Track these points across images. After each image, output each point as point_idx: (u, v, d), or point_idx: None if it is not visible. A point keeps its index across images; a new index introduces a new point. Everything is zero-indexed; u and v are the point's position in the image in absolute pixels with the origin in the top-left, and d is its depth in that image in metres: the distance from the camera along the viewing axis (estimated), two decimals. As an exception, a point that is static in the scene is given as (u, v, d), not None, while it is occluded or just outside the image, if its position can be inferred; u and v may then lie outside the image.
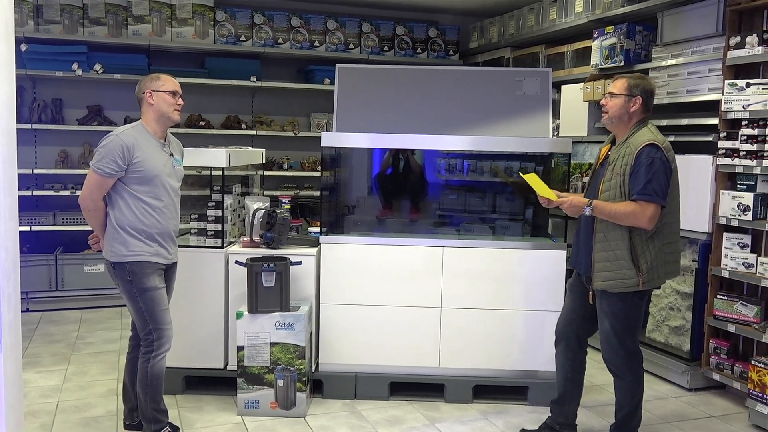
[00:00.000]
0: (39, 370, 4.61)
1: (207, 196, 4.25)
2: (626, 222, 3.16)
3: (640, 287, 3.19)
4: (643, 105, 3.28)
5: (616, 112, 3.29)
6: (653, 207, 3.12)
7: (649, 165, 3.12)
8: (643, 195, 3.11)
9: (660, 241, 3.23)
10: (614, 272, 3.22)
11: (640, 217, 3.12)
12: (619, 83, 3.31)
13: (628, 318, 3.30)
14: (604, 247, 3.26)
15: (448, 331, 4.19)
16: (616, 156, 3.26)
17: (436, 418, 3.96)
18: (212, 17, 6.62)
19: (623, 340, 3.32)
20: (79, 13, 6.24)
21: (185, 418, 3.86)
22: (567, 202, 3.32)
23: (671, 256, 3.31)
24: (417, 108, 4.48)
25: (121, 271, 3.31)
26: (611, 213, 3.18)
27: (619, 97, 3.28)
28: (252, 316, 3.86)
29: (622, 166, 3.20)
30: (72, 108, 6.51)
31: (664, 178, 3.14)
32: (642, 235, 3.19)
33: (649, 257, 3.19)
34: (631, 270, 3.19)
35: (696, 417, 4.09)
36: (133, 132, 3.31)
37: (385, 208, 4.84)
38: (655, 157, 3.13)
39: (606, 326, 3.34)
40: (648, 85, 3.30)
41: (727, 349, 4.33)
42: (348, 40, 7.08)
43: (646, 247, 3.20)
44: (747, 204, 4.07)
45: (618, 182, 3.21)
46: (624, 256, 3.19)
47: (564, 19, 5.94)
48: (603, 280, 3.25)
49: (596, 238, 3.28)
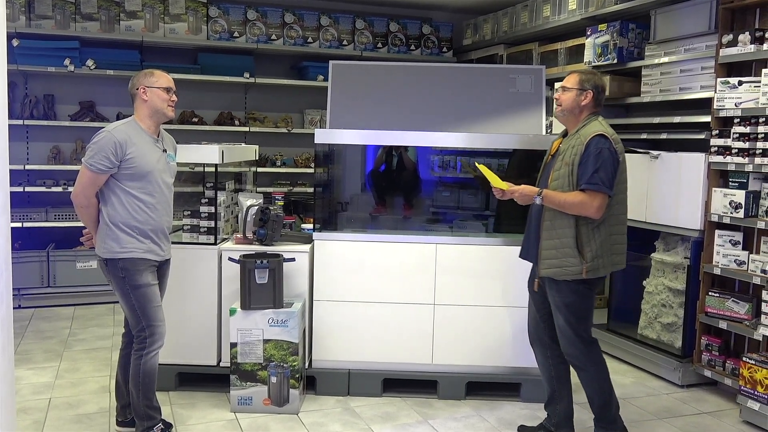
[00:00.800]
0: (31, 366, 4.60)
1: (200, 192, 4.24)
2: (574, 211, 3.23)
3: (584, 275, 3.24)
4: (594, 99, 3.36)
5: (568, 105, 3.38)
6: (601, 196, 3.19)
7: (597, 155, 3.19)
8: (590, 184, 3.18)
9: (606, 231, 3.28)
10: (559, 260, 3.27)
11: (588, 207, 3.19)
12: (572, 78, 3.41)
13: (580, 309, 3.35)
14: (550, 234, 3.31)
15: (442, 327, 4.20)
16: (566, 147, 3.33)
17: (429, 415, 3.97)
18: (205, 13, 6.59)
19: (578, 331, 3.36)
20: (71, 9, 6.21)
21: (178, 415, 3.85)
22: (518, 192, 3.39)
23: (618, 247, 3.36)
24: (410, 105, 4.48)
25: (113, 267, 3.29)
26: (560, 202, 3.25)
27: (571, 91, 3.37)
28: (245, 313, 3.86)
29: (571, 156, 3.27)
30: (64, 104, 6.47)
31: (612, 169, 3.21)
32: (589, 224, 3.24)
33: (594, 246, 3.24)
34: (576, 258, 3.24)
35: (688, 413, 4.11)
36: (125, 128, 3.30)
37: (379, 205, 4.84)
38: (603, 147, 3.21)
39: (561, 320, 3.38)
40: (598, 81, 3.39)
41: (719, 345, 4.35)
42: (341, 37, 7.07)
43: (591, 236, 3.25)
44: (739, 201, 4.09)
45: (567, 171, 3.27)
46: (569, 243, 3.25)
47: (557, 16, 5.95)
48: (548, 267, 3.30)
49: (543, 226, 3.34)
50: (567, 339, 3.39)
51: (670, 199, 4.53)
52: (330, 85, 4.51)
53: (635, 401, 4.27)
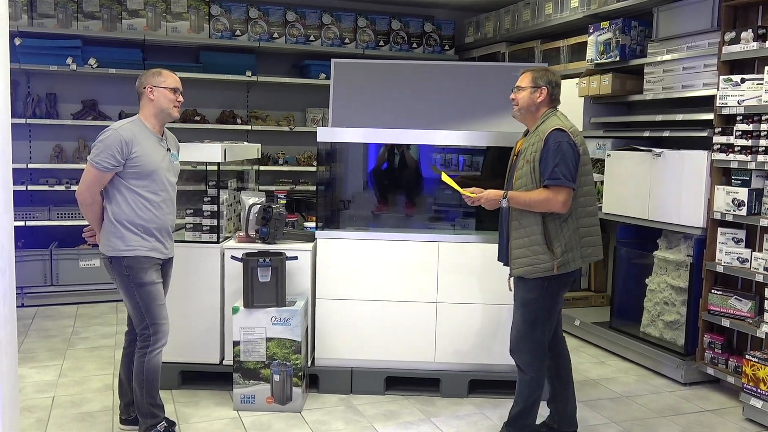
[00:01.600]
0: (34, 365, 4.61)
1: (202, 191, 4.24)
2: (541, 208, 3.23)
3: (555, 271, 3.23)
4: (549, 95, 3.37)
5: (524, 104, 3.39)
6: (565, 191, 3.19)
7: (556, 149, 3.20)
8: (552, 180, 3.19)
9: (574, 224, 3.28)
10: (530, 258, 3.27)
11: (553, 203, 3.19)
12: (525, 76, 3.41)
13: (540, 307, 3.33)
14: (519, 234, 3.31)
15: (444, 326, 4.20)
16: (527, 145, 3.34)
17: (431, 413, 3.97)
18: (207, 11, 6.60)
19: (532, 331, 3.34)
20: (73, 7, 6.21)
21: (181, 413, 3.86)
22: (483, 197, 3.42)
23: (589, 240, 3.35)
24: (412, 103, 4.48)
25: (118, 265, 3.30)
26: (526, 202, 3.26)
27: (525, 90, 3.38)
28: (248, 311, 3.86)
29: (532, 153, 3.28)
30: (66, 102, 6.48)
31: (572, 162, 3.21)
32: (556, 219, 3.25)
33: (563, 240, 3.25)
34: (546, 254, 3.24)
35: (690, 411, 4.11)
36: (131, 127, 3.30)
37: (381, 203, 4.84)
38: (562, 141, 3.21)
39: (518, 317, 3.38)
40: (552, 76, 3.39)
41: (722, 343, 4.35)
42: (343, 35, 7.06)
43: (560, 231, 3.25)
44: (741, 199, 4.09)
45: (529, 169, 3.28)
46: (538, 241, 3.25)
47: (559, 14, 5.94)
48: (520, 266, 3.30)
49: (512, 226, 3.35)
50: (518, 337, 3.38)
51: (673, 196, 4.52)
52: (332, 83, 4.51)
53: (638, 399, 4.27)
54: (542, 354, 3.39)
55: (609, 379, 4.59)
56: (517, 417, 3.43)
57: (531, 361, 3.37)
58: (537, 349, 3.37)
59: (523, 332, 3.36)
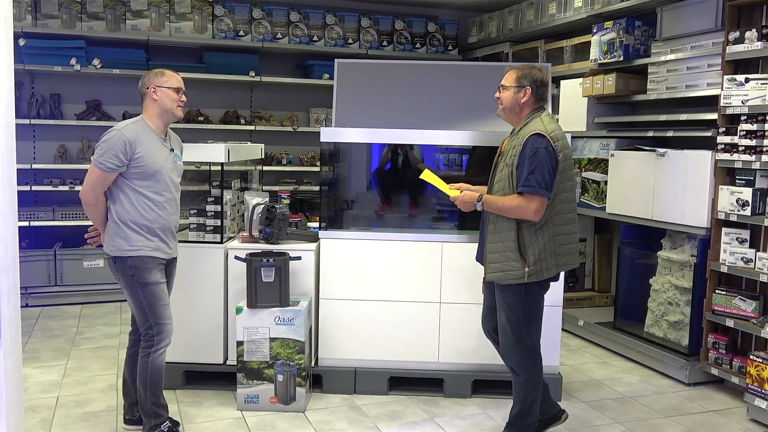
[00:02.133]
0: (39, 365, 4.62)
1: (206, 191, 4.25)
2: (514, 215, 3.16)
3: (525, 279, 3.17)
4: (533, 95, 3.28)
5: (508, 104, 3.31)
6: (538, 199, 3.11)
7: (532, 156, 3.11)
8: (526, 187, 3.11)
9: (549, 232, 3.19)
10: (503, 263, 3.21)
11: (525, 210, 3.12)
12: (510, 75, 3.32)
13: (523, 310, 3.27)
14: (495, 238, 3.26)
15: (448, 326, 4.20)
16: (509, 147, 3.28)
17: (435, 413, 3.97)
18: (211, 12, 6.60)
19: (519, 334, 3.29)
20: (77, 8, 6.22)
21: (185, 413, 3.86)
22: (459, 199, 3.36)
23: (565, 248, 3.26)
24: (416, 103, 4.47)
25: (122, 265, 3.31)
26: (499, 207, 3.21)
27: (509, 89, 3.30)
28: (251, 311, 3.86)
29: (512, 157, 3.21)
30: (70, 103, 6.50)
31: (548, 169, 3.11)
32: (531, 226, 3.17)
33: (537, 249, 3.17)
34: (518, 262, 3.17)
35: (694, 411, 4.10)
36: (134, 127, 3.31)
37: (385, 204, 4.84)
38: (539, 147, 3.11)
39: (503, 319, 3.33)
40: (537, 75, 3.29)
41: (726, 343, 4.34)
42: (347, 35, 7.07)
43: (534, 239, 3.17)
44: (746, 199, 4.08)
45: (507, 173, 3.21)
46: (512, 247, 3.18)
47: (563, 14, 5.93)
48: (492, 271, 3.26)
49: (488, 230, 3.30)
50: (506, 340, 3.35)
51: (677, 196, 4.51)
52: (335, 83, 4.51)
53: (642, 399, 4.26)
54: (533, 354, 3.34)
55: (613, 380, 4.59)
56: (517, 418, 3.41)
57: (521, 362, 3.34)
58: (526, 350, 3.32)
59: (510, 335, 3.31)
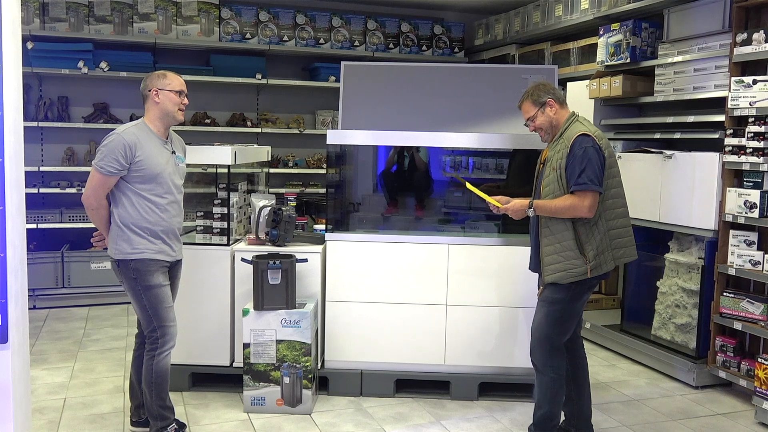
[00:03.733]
0: (46, 367, 4.63)
1: (213, 193, 4.25)
2: (568, 215, 3.24)
3: (589, 275, 3.25)
4: (557, 101, 3.38)
5: (546, 126, 3.41)
6: (591, 195, 3.20)
7: (582, 155, 3.21)
8: (578, 185, 3.20)
9: (603, 227, 3.29)
10: (563, 263, 3.28)
11: (579, 208, 3.21)
12: (525, 105, 3.44)
13: (565, 309, 3.35)
14: (550, 240, 3.32)
15: (454, 328, 4.19)
16: (553, 153, 3.36)
17: (441, 415, 3.97)
18: (217, 15, 6.62)
19: (550, 333, 3.36)
20: (84, 11, 6.25)
21: (192, 415, 3.87)
22: (510, 208, 3.44)
23: (620, 241, 3.35)
24: (422, 105, 4.47)
25: (125, 268, 3.31)
26: (552, 209, 3.28)
27: (536, 114, 3.39)
28: (258, 314, 3.87)
29: (558, 161, 3.29)
30: (78, 106, 6.52)
31: (598, 165, 3.22)
32: (586, 224, 3.26)
33: (594, 244, 3.26)
34: (579, 259, 3.25)
35: (702, 415, 4.08)
36: (135, 130, 3.31)
37: (391, 206, 4.84)
38: (587, 146, 3.22)
39: (540, 315, 3.39)
40: (542, 86, 3.42)
41: (734, 346, 4.32)
42: (353, 38, 7.07)
43: (591, 235, 3.26)
44: (754, 201, 4.06)
45: (555, 176, 3.29)
46: (570, 246, 3.26)
47: (570, 16, 5.92)
48: (553, 272, 3.31)
49: (542, 233, 3.36)
50: (537, 337, 3.40)
51: (684, 199, 4.50)
52: (342, 85, 4.51)
53: (649, 402, 4.25)
54: (560, 354, 3.40)
55: (620, 382, 4.57)
56: (543, 420, 3.43)
57: (549, 361, 3.38)
58: (554, 350, 3.38)
59: (544, 332, 3.37)
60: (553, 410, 3.42)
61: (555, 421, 3.45)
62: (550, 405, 3.41)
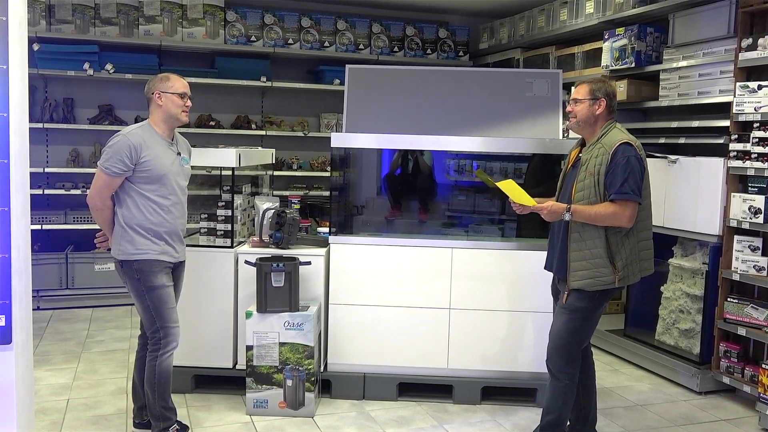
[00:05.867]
0: (49, 367, 4.64)
1: (217, 195, 4.26)
2: (607, 222, 3.21)
3: (616, 284, 3.25)
4: (607, 107, 3.35)
5: (583, 116, 3.36)
6: (632, 205, 3.20)
7: (625, 164, 3.18)
8: (621, 194, 3.17)
9: (634, 238, 3.28)
10: (591, 271, 3.25)
11: (620, 217, 3.18)
12: (582, 89, 3.38)
13: (586, 317, 3.34)
14: (579, 246, 3.29)
15: (457, 332, 4.19)
16: (589, 156, 3.31)
17: (444, 419, 3.96)
18: (223, 17, 6.64)
19: (570, 340, 3.35)
20: (90, 13, 6.27)
21: (194, 417, 3.87)
22: (546, 209, 3.35)
23: (645, 253, 3.37)
24: (426, 109, 4.48)
25: (128, 269, 3.32)
26: (591, 215, 3.23)
27: (583, 102, 3.35)
28: (261, 316, 3.87)
29: (596, 166, 3.25)
30: (83, 107, 6.54)
31: (639, 176, 3.21)
32: (618, 233, 3.24)
33: (624, 254, 3.25)
34: (608, 268, 3.23)
35: (706, 420, 4.07)
36: (140, 131, 3.33)
37: (395, 209, 4.84)
38: (630, 155, 3.20)
39: (560, 322, 3.38)
40: (609, 88, 3.37)
41: (738, 352, 4.30)
42: (358, 41, 7.08)
43: (621, 245, 3.25)
44: (758, 207, 4.05)
45: (592, 182, 3.25)
46: (601, 254, 3.24)
47: (574, 20, 5.92)
48: (579, 279, 3.28)
49: (571, 239, 3.31)
50: (555, 343, 3.39)
51: (689, 204, 4.49)
52: (346, 88, 4.52)
53: (652, 408, 4.24)
54: (576, 362, 3.40)
55: (623, 388, 4.56)
56: (551, 425, 3.43)
57: (565, 368, 3.37)
58: (572, 357, 3.38)
59: (564, 339, 3.36)
60: (563, 416, 3.42)
61: (562, 427, 3.45)
62: (560, 411, 3.41)
